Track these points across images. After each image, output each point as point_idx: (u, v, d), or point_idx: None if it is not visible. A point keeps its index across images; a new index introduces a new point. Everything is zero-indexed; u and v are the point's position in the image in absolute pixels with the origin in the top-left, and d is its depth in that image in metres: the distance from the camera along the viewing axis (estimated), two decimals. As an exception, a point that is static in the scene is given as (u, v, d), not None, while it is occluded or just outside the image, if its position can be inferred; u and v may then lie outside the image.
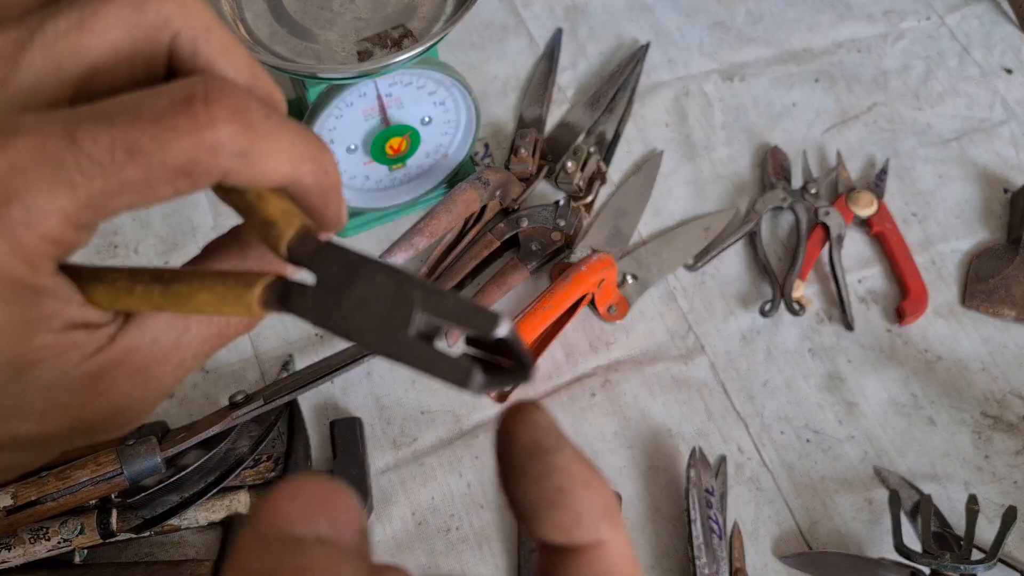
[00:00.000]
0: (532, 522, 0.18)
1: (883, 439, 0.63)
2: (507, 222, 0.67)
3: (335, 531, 0.17)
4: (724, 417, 0.63)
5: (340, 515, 0.17)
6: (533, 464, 0.18)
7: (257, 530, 0.17)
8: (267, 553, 0.16)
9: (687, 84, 0.78)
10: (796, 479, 0.61)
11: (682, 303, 0.67)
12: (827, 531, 0.60)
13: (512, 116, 0.75)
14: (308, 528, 0.17)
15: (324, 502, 0.17)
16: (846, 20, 0.82)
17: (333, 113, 0.58)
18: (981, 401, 0.64)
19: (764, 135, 0.75)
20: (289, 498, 0.17)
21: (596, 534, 0.18)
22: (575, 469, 0.18)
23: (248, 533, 0.17)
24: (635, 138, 0.75)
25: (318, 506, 0.17)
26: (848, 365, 0.65)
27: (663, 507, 0.60)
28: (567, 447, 0.18)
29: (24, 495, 0.51)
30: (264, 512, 0.17)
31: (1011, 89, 0.79)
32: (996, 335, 0.67)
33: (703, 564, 0.55)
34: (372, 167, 0.64)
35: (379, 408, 0.61)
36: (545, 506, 0.18)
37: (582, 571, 0.18)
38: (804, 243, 0.68)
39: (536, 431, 0.19)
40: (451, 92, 0.61)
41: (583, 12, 0.81)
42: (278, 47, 0.55)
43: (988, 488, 0.61)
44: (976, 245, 0.71)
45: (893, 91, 0.78)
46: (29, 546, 0.52)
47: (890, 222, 0.70)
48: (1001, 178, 0.74)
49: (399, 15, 0.57)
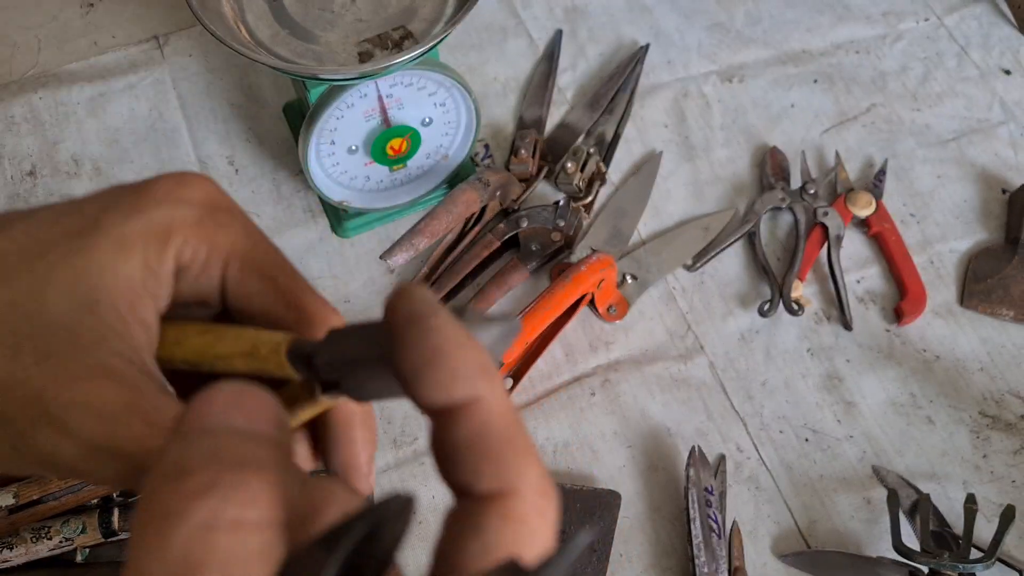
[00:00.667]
0: (414, 387, 0.19)
1: (882, 438, 0.63)
2: (507, 222, 0.67)
3: (250, 424, 0.18)
4: (723, 416, 0.63)
5: (255, 412, 0.19)
6: (411, 330, 0.19)
7: (179, 429, 0.18)
8: (183, 445, 0.17)
9: (686, 85, 0.78)
10: (795, 478, 0.62)
11: (681, 303, 0.68)
12: (826, 530, 0.60)
13: (512, 117, 0.76)
14: (222, 422, 0.18)
15: (239, 402, 0.19)
16: (845, 21, 0.82)
17: (334, 114, 0.58)
18: (979, 401, 0.65)
19: (763, 136, 0.76)
20: (207, 400, 0.18)
21: (473, 390, 0.19)
22: (450, 331, 0.19)
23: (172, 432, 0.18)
24: (634, 139, 0.75)
25: (233, 405, 0.18)
26: (847, 365, 0.66)
27: (662, 506, 0.60)
28: (442, 312, 0.19)
29: (26, 494, 0.51)
30: (185, 414, 0.18)
31: (1009, 90, 0.79)
32: (994, 335, 0.67)
33: (702, 563, 0.56)
34: (373, 168, 0.64)
35: (379, 407, 0.61)
36: (423, 367, 0.19)
37: (462, 428, 0.19)
38: (803, 243, 0.69)
39: (413, 302, 0.19)
40: (451, 93, 0.61)
41: (583, 13, 0.81)
42: (279, 48, 0.55)
43: (986, 487, 0.61)
44: (974, 245, 0.71)
45: (892, 92, 0.79)
46: (31, 545, 0.52)
47: (889, 222, 0.70)
48: (999, 178, 0.74)
49: (400, 16, 0.57)
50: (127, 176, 0.71)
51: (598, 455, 0.62)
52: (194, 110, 0.74)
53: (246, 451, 0.17)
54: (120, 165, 0.71)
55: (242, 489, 0.16)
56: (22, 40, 0.76)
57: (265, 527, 0.17)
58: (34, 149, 0.72)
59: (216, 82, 0.75)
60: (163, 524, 0.16)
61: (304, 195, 0.71)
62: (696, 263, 0.69)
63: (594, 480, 0.61)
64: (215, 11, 0.55)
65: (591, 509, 0.59)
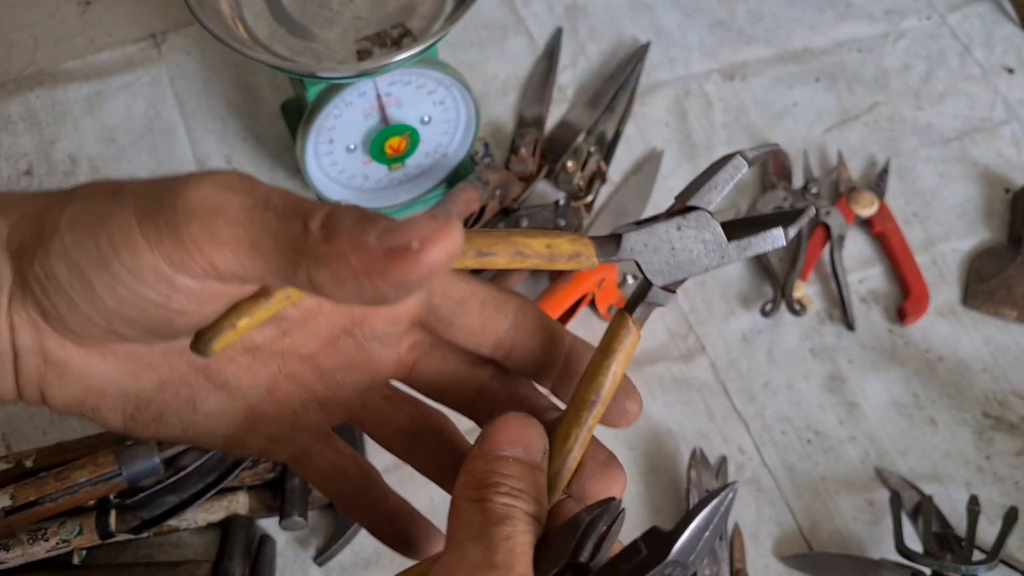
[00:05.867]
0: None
1: (884, 440, 0.63)
2: (507, 222, 0.66)
3: (528, 453, 0.28)
4: (725, 418, 0.63)
5: (531, 442, 0.28)
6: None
7: (481, 448, 0.28)
8: (486, 463, 0.27)
9: (687, 83, 0.77)
10: (797, 480, 0.61)
11: (683, 303, 0.67)
12: (828, 532, 0.60)
13: (512, 115, 0.75)
14: (511, 450, 0.28)
15: (522, 432, 0.28)
16: (847, 19, 0.82)
17: (332, 112, 0.58)
18: (982, 401, 0.64)
19: (765, 135, 0.75)
20: (501, 429, 0.28)
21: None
22: None
23: (475, 449, 0.28)
24: (635, 137, 0.75)
25: (518, 435, 0.28)
26: (849, 365, 0.65)
27: (664, 508, 0.60)
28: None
29: (23, 496, 0.51)
30: (485, 437, 0.28)
31: (1012, 89, 0.79)
32: (997, 335, 0.67)
33: (704, 565, 0.55)
34: (371, 166, 0.63)
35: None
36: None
37: None
38: (805, 243, 0.68)
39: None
40: (451, 91, 0.61)
41: (583, 11, 0.81)
42: (277, 46, 0.55)
43: (989, 489, 0.61)
44: (977, 245, 0.71)
45: (894, 91, 0.78)
46: (28, 547, 0.51)
47: (891, 222, 0.70)
48: (1002, 178, 0.74)
49: (398, 14, 0.57)
50: (124, 175, 0.70)
51: (599, 456, 0.61)
52: (191, 109, 0.73)
53: (525, 474, 0.27)
54: (117, 164, 0.71)
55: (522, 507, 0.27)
56: (18, 38, 0.76)
57: (532, 527, 0.27)
58: (30, 148, 0.71)
59: (214, 80, 0.75)
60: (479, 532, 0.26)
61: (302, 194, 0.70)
62: (697, 263, 0.68)
63: (595, 481, 0.60)
64: (213, 9, 0.54)
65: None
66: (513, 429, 0.28)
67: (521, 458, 0.27)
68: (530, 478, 0.27)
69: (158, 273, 0.23)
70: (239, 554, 0.55)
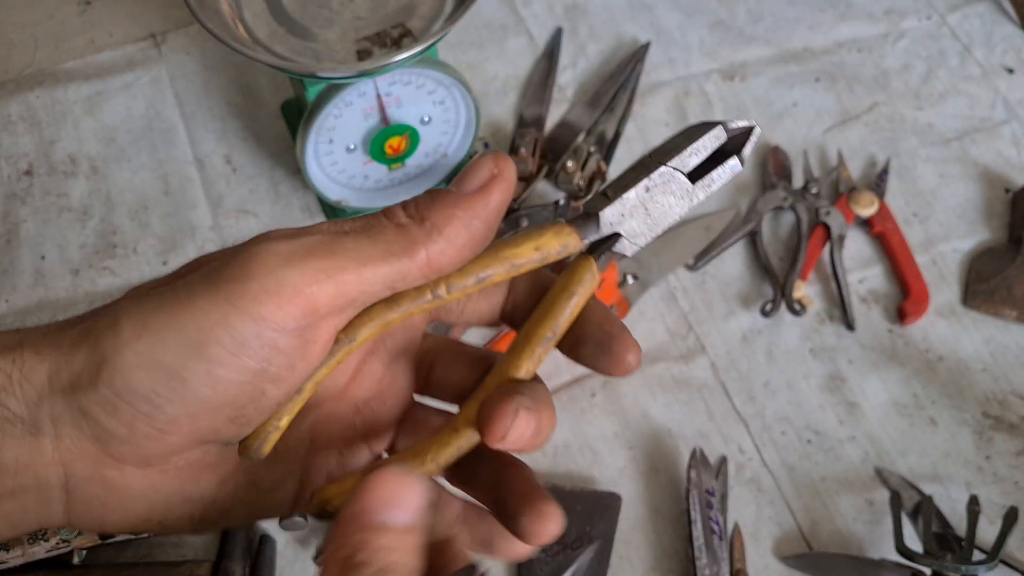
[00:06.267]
0: None
1: (884, 440, 0.63)
2: (507, 222, 0.66)
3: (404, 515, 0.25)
4: (725, 418, 0.63)
5: (408, 502, 0.25)
6: None
7: (352, 511, 0.24)
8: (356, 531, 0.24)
9: (687, 83, 0.77)
10: (797, 480, 0.61)
11: (683, 303, 0.67)
12: (828, 532, 0.60)
13: (512, 115, 0.75)
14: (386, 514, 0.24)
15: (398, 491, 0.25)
16: (847, 19, 0.82)
17: (332, 112, 0.58)
18: (982, 401, 0.64)
19: (765, 135, 0.75)
20: (374, 489, 0.24)
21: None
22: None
23: (346, 511, 0.25)
24: (635, 137, 0.74)
25: (393, 494, 0.25)
26: (849, 365, 0.65)
27: (664, 508, 0.60)
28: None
29: (22, 496, 0.51)
30: (356, 499, 0.24)
31: (1012, 89, 0.79)
32: (997, 335, 0.67)
33: (704, 565, 0.55)
34: (371, 166, 0.63)
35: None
36: None
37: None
38: (805, 243, 0.68)
39: None
40: (451, 91, 0.61)
41: (583, 11, 0.81)
42: (277, 46, 0.55)
43: (989, 489, 0.61)
44: (977, 245, 0.71)
45: (894, 91, 0.78)
46: (28, 547, 0.51)
47: (891, 222, 0.70)
48: (1003, 178, 0.74)
49: (398, 14, 0.57)
50: (124, 175, 0.70)
51: (599, 457, 0.61)
52: (191, 109, 0.73)
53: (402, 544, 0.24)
54: (117, 164, 0.71)
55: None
56: (18, 38, 0.76)
57: None
58: (31, 148, 0.71)
59: (214, 80, 0.75)
60: None
61: (302, 194, 0.70)
62: (697, 263, 0.68)
63: (595, 482, 0.60)
64: (213, 9, 0.54)
65: (591, 511, 0.58)
66: (389, 488, 0.25)
67: (395, 526, 0.24)
68: (405, 546, 0.25)
69: (261, 337, 0.25)
70: (239, 554, 0.55)
